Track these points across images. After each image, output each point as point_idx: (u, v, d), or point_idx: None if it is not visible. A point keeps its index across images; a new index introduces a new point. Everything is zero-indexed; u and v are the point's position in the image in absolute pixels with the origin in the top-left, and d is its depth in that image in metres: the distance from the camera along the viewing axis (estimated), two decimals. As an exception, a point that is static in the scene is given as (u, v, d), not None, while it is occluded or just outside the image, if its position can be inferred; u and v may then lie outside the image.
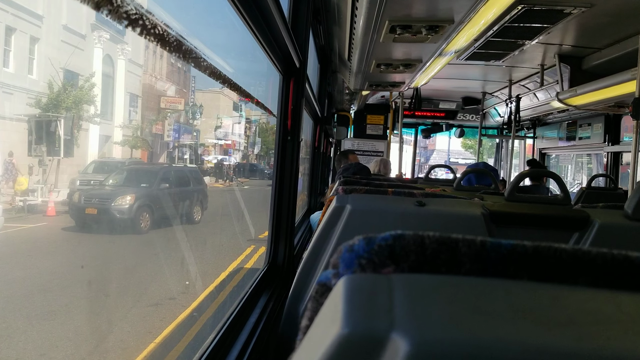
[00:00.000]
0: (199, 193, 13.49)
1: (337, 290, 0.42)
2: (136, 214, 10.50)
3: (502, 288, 0.42)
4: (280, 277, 2.70)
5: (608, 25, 3.65)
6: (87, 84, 14.00)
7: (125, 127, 19.31)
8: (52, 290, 7.12)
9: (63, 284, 7.48)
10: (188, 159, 26.86)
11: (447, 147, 40.30)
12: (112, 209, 10.34)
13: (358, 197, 1.74)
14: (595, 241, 1.63)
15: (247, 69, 30.88)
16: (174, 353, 5.60)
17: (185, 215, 12.39)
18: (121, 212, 10.38)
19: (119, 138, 18.87)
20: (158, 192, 11.41)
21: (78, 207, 10.20)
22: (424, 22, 3.08)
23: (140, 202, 10.70)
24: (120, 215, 10.37)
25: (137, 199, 10.62)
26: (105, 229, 10.40)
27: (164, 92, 25.24)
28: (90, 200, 10.43)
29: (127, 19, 0.73)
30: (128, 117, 20.14)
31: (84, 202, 10.29)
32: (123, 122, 19.20)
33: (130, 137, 19.48)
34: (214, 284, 8.22)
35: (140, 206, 10.67)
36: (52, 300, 6.80)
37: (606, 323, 0.37)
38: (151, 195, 11.16)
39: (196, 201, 13.04)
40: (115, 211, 10.36)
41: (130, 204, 10.50)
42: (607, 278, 0.46)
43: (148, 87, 22.97)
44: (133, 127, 20.25)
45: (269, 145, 36.90)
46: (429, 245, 0.48)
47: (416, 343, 0.34)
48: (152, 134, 23.33)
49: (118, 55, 19.03)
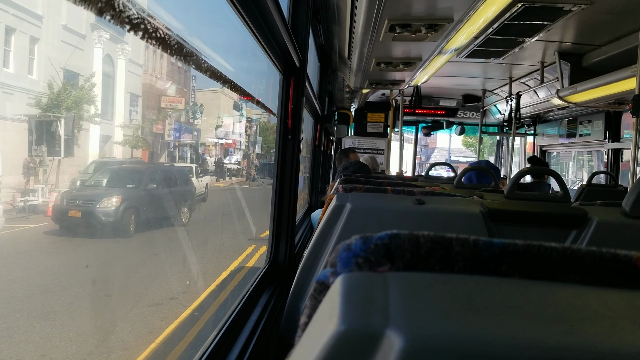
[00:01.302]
0: (187, 194, 13.03)
1: (335, 288, 0.43)
2: (123, 217, 9.99)
3: (494, 285, 0.43)
4: (282, 275, 2.71)
5: (608, 22, 3.65)
6: (88, 84, 13.88)
7: (125, 127, 19.19)
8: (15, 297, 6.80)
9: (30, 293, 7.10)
10: (189, 158, 26.77)
11: (448, 146, 40.04)
12: (97, 211, 9.82)
13: (358, 196, 1.75)
14: (593, 239, 1.64)
15: (247, 69, 30.86)
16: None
17: (173, 218, 11.81)
18: (107, 215, 9.89)
19: (120, 138, 18.77)
20: (145, 193, 10.93)
21: (61, 209, 9.68)
22: (423, 21, 3.08)
23: (127, 203, 10.18)
24: (106, 218, 9.88)
25: (123, 201, 10.12)
26: (89, 233, 9.88)
27: (164, 92, 25.13)
28: (73, 202, 9.94)
29: (129, 23, 0.75)
30: (129, 117, 20.03)
31: (66, 204, 9.79)
32: (124, 122, 19.08)
33: (130, 137, 19.38)
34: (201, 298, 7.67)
35: (127, 208, 10.14)
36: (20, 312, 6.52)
37: (594, 319, 0.38)
38: (138, 196, 10.66)
39: (184, 202, 12.54)
40: (101, 214, 9.84)
41: (117, 206, 10.00)
42: (596, 275, 0.47)
43: (148, 86, 22.90)
44: (133, 126, 20.14)
45: (270, 144, 36.86)
46: (424, 244, 0.49)
47: (410, 339, 0.35)
48: (153, 134, 23.20)
49: (118, 55, 18.93)
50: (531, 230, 1.69)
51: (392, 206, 1.70)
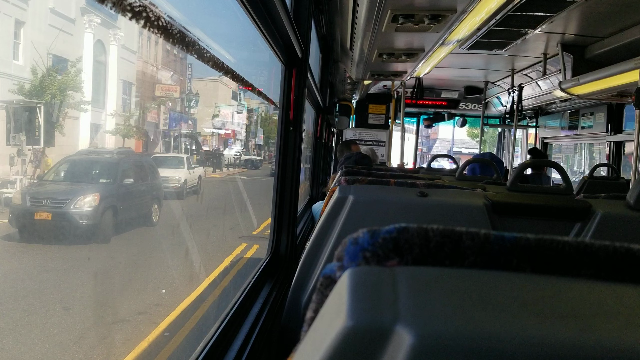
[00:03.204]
0: (156, 189, 11.37)
1: (342, 282, 0.42)
2: (102, 219, 8.47)
3: (505, 280, 0.43)
4: (283, 267, 2.71)
5: (611, 14, 3.63)
6: (74, 69, 12.98)
7: (118, 116, 18.37)
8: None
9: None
10: (183, 149, 26.00)
11: (452, 136, 39.02)
12: (71, 212, 8.16)
13: (360, 188, 1.75)
14: (597, 232, 1.63)
15: (248, 59, 30.68)
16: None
17: (143, 217, 10.27)
18: (84, 217, 8.25)
19: (112, 127, 17.88)
20: (120, 189, 9.54)
21: (23, 211, 8.04)
22: (426, 12, 3.06)
23: (106, 202, 8.68)
24: (83, 221, 8.22)
25: (102, 199, 8.61)
26: (60, 239, 8.32)
27: (159, 80, 24.42)
28: (40, 202, 8.27)
29: (131, 11, 0.74)
30: (121, 105, 19.29)
31: (30, 204, 8.12)
32: (116, 111, 18.29)
33: (122, 126, 18.56)
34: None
35: (107, 208, 8.66)
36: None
37: (608, 315, 0.38)
38: (116, 193, 9.31)
39: (154, 198, 10.88)
40: (77, 215, 8.20)
41: (95, 205, 8.42)
42: (609, 270, 0.46)
43: (142, 74, 22.16)
44: (125, 115, 19.29)
45: (269, 135, 36.73)
46: (433, 238, 0.48)
47: (420, 335, 0.34)
48: (146, 123, 22.53)
49: (110, 41, 18.11)
50: (535, 223, 1.68)
51: (395, 198, 1.69)
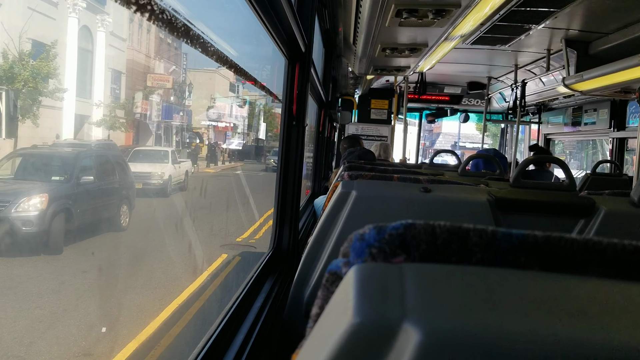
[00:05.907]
0: (126, 187, 9.76)
1: (348, 279, 0.42)
2: (51, 225, 7.00)
3: (513, 278, 0.42)
4: (285, 262, 2.71)
5: (616, 9, 3.61)
6: (51, 53, 11.53)
7: (105, 106, 17.17)
8: None
9: None
10: (174, 142, 24.61)
11: (458, 131, 37.33)
12: (11, 217, 6.74)
13: (364, 183, 1.74)
14: (600, 228, 1.63)
15: (251, 54, 30.49)
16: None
17: (107, 221, 8.81)
18: (28, 223, 6.81)
19: (99, 117, 16.71)
20: (77, 189, 8.05)
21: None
22: (430, 6, 3.05)
23: (57, 205, 7.18)
24: (26, 227, 6.79)
25: (51, 201, 7.11)
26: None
27: (150, 69, 23.19)
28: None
29: (135, 4, 0.73)
30: (110, 96, 18.17)
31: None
32: (103, 101, 17.12)
33: (109, 117, 17.38)
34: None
35: (57, 211, 7.14)
36: None
37: (617, 314, 0.37)
38: (71, 193, 7.81)
39: (123, 199, 9.46)
40: (19, 221, 6.73)
41: (42, 209, 6.95)
42: (618, 269, 0.46)
43: (132, 62, 20.95)
44: (113, 106, 18.05)
45: (269, 129, 36.42)
46: (440, 235, 0.48)
47: (428, 332, 0.34)
48: (137, 114, 21.31)
49: (97, 27, 16.81)
50: (538, 219, 1.68)
51: (398, 194, 1.69)
